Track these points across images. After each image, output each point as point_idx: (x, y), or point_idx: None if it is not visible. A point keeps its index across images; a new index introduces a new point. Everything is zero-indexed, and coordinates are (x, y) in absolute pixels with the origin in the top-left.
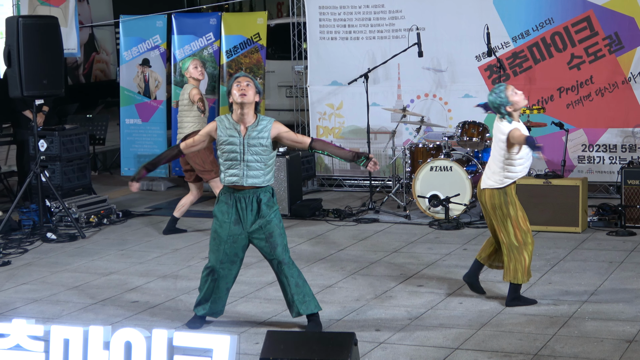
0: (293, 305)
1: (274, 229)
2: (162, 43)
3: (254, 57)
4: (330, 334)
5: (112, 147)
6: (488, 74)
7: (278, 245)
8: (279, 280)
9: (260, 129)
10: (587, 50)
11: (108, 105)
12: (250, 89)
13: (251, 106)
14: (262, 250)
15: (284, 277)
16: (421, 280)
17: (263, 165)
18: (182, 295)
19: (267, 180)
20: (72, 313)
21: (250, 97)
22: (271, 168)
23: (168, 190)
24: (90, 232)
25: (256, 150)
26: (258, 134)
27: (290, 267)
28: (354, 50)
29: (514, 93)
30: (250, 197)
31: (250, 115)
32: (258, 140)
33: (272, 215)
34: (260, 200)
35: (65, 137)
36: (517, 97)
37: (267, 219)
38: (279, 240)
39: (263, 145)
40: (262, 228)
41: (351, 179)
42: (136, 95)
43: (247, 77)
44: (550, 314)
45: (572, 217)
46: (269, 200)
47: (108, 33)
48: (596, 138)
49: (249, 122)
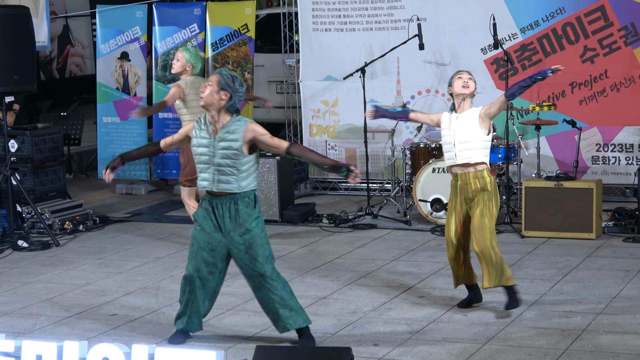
0: (279, 321)
1: (254, 239)
2: (142, 35)
3: (241, 50)
4: (325, 349)
5: (89, 148)
6: (495, 68)
7: (259, 256)
8: (259, 297)
9: (232, 131)
10: (601, 42)
11: (84, 103)
12: (207, 88)
13: (213, 107)
14: (241, 262)
15: (266, 292)
16: (423, 292)
17: (235, 170)
18: (164, 308)
19: (243, 186)
20: (45, 327)
21: (206, 98)
22: (248, 173)
23: (149, 194)
24: (65, 239)
25: (226, 153)
26: (229, 136)
27: (274, 281)
28: (350, 43)
29: (458, 78)
30: (227, 204)
31: (223, 116)
32: (228, 143)
33: (253, 224)
34: (238, 207)
35: (37, 137)
36: (456, 82)
37: (247, 228)
38: (260, 251)
39: (233, 148)
40: (241, 237)
41: (347, 181)
42: (114, 91)
43: (215, 75)
44: (562, 327)
45: (586, 222)
46: (247, 206)
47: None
48: (611, 137)
49: (221, 123)
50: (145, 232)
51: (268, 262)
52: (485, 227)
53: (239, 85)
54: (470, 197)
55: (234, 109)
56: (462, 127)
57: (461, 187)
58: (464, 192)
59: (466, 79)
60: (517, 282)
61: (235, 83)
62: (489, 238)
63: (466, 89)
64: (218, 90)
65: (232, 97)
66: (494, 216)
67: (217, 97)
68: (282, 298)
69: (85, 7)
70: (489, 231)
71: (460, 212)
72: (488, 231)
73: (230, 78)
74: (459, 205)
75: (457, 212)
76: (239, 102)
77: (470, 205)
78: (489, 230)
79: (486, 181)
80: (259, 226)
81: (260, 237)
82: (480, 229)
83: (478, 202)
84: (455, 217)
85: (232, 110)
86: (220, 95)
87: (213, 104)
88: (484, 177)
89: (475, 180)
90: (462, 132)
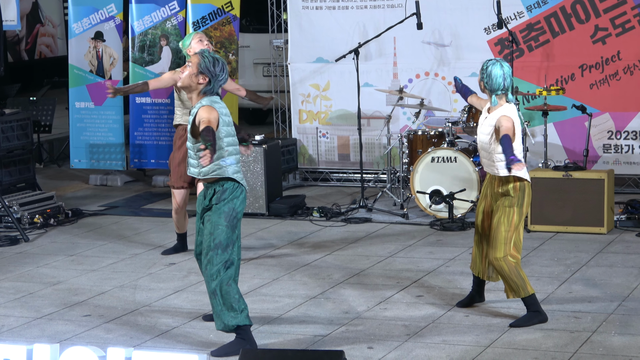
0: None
1: (207, 226)
2: (118, 13)
3: (225, 29)
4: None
5: (60, 135)
6: (499, 49)
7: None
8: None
9: (193, 114)
10: (613, 21)
11: (55, 86)
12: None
13: (189, 89)
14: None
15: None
16: (421, 290)
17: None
18: (142, 308)
19: (205, 172)
20: (14, 329)
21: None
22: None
23: (125, 185)
24: (35, 234)
25: (189, 137)
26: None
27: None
28: (343, 22)
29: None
30: (204, 190)
31: (194, 98)
32: (189, 127)
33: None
34: (205, 192)
35: (4, 124)
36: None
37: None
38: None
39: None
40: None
41: (339, 171)
42: (88, 74)
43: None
44: (570, 329)
45: (596, 215)
46: (207, 196)
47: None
48: (624, 124)
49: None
50: (121, 227)
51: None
52: (499, 237)
53: (219, 71)
54: (495, 197)
55: (211, 93)
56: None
57: (489, 181)
58: (490, 187)
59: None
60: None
61: (216, 67)
62: (501, 249)
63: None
64: (197, 73)
65: (210, 81)
66: (513, 224)
67: (196, 80)
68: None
69: None
70: (503, 242)
71: (488, 204)
72: (502, 242)
73: (211, 61)
74: (489, 196)
75: (486, 202)
76: (218, 87)
77: (496, 204)
78: (502, 241)
79: (509, 186)
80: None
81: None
82: (493, 239)
83: (498, 207)
84: (485, 206)
85: (210, 93)
86: (198, 79)
87: (190, 86)
88: (508, 181)
89: (500, 182)
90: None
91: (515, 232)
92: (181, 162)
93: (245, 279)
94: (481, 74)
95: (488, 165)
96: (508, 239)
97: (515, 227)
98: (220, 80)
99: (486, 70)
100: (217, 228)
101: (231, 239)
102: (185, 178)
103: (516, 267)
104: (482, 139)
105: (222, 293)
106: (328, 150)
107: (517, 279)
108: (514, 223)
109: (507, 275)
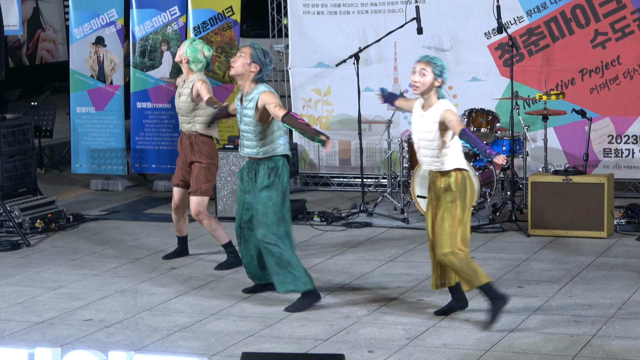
0: (275, 283)
1: (259, 206)
2: (119, 18)
3: (226, 34)
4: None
5: (61, 140)
6: (499, 53)
7: (260, 224)
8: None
9: (250, 99)
10: (613, 25)
11: (56, 91)
12: (238, 59)
13: (242, 77)
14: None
15: (264, 255)
16: (421, 294)
17: (253, 136)
18: (143, 313)
19: (263, 152)
20: (15, 333)
21: (237, 68)
22: (266, 140)
23: (126, 190)
24: (36, 239)
25: (246, 120)
26: (248, 104)
27: (270, 248)
28: (344, 27)
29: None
30: (253, 167)
31: (247, 85)
32: (247, 111)
33: (264, 191)
34: (258, 172)
35: (5, 129)
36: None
37: (255, 194)
38: (263, 219)
39: (249, 116)
40: (254, 200)
41: (340, 176)
42: (89, 79)
43: (248, 47)
44: (570, 332)
45: (596, 220)
46: (265, 173)
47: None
48: (625, 128)
49: (245, 92)
50: (122, 231)
51: (270, 229)
52: (443, 233)
53: (269, 61)
54: (438, 195)
55: (262, 81)
56: (427, 127)
57: (431, 181)
58: (434, 188)
59: (418, 75)
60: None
61: (267, 58)
62: (447, 245)
63: (416, 89)
64: (250, 62)
65: (261, 70)
66: (456, 219)
67: (248, 69)
68: (278, 264)
69: None
70: (448, 237)
71: (434, 207)
72: (447, 237)
73: (262, 52)
74: (433, 200)
75: (432, 207)
76: (266, 75)
77: (439, 202)
78: (448, 236)
79: (450, 180)
80: (269, 193)
81: (266, 205)
82: (438, 235)
83: (441, 204)
84: (431, 211)
85: (260, 81)
86: (251, 67)
87: (243, 74)
88: (450, 175)
89: (441, 178)
90: (425, 133)
91: (460, 227)
92: (179, 159)
93: (246, 283)
94: (437, 69)
95: (431, 162)
96: (453, 234)
97: (459, 221)
98: (268, 69)
99: (441, 65)
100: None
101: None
102: (181, 177)
103: (466, 259)
104: (424, 136)
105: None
106: (329, 155)
107: (469, 270)
108: (457, 217)
109: (459, 268)
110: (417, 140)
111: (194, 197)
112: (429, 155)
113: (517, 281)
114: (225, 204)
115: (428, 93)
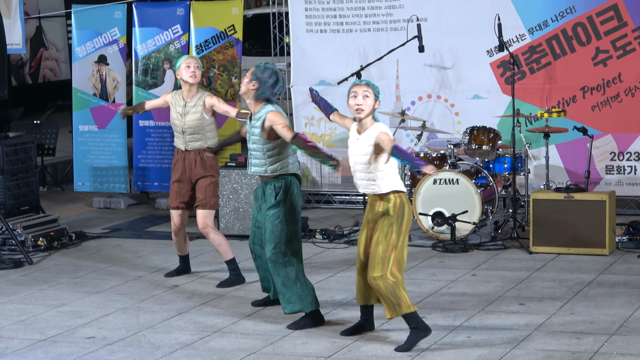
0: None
1: (267, 224)
2: (122, 37)
3: (228, 52)
4: None
5: (64, 159)
6: (501, 71)
7: (268, 242)
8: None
9: (257, 118)
10: (614, 43)
11: (59, 110)
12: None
13: (247, 95)
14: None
15: (272, 273)
16: (423, 312)
17: (261, 155)
18: (145, 330)
19: (272, 170)
20: (18, 351)
21: (242, 88)
22: (274, 159)
23: (129, 209)
24: (39, 257)
25: (254, 139)
26: (255, 122)
27: (277, 267)
28: (346, 45)
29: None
30: (263, 186)
31: (253, 104)
32: (254, 129)
33: (272, 209)
34: (265, 190)
35: (8, 147)
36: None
37: (264, 212)
38: (270, 237)
39: (256, 134)
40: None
41: (342, 194)
42: (91, 97)
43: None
44: (572, 350)
45: (598, 237)
46: (272, 192)
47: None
48: (626, 145)
49: (254, 111)
50: (124, 249)
51: (278, 247)
52: (376, 256)
53: (267, 77)
54: (375, 218)
55: (263, 98)
56: (363, 150)
57: (370, 204)
58: (371, 211)
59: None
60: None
61: (264, 74)
62: (378, 269)
63: (361, 112)
64: (250, 80)
65: (260, 87)
66: (391, 243)
67: (249, 86)
68: (284, 284)
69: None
70: (380, 261)
71: (370, 229)
72: (379, 261)
73: (261, 70)
74: (371, 222)
75: (368, 228)
76: (269, 92)
77: (376, 225)
78: (380, 261)
79: (389, 205)
80: (276, 212)
81: (273, 223)
82: (371, 258)
83: (377, 228)
84: (366, 232)
85: (263, 99)
86: (250, 85)
87: (246, 92)
88: (389, 198)
89: (380, 202)
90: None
91: (395, 251)
92: (175, 182)
93: (248, 300)
94: (376, 90)
95: (367, 185)
96: (386, 258)
97: (394, 246)
98: (267, 84)
99: (378, 87)
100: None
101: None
102: (181, 198)
103: (393, 286)
104: (360, 160)
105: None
106: (331, 173)
107: (393, 297)
108: (392, 242)
109: (384, 294)
110: (353, 164)
111: (202, 210)
112: (365, 179)
113: (519, 298)
114: (227, 222)
115: (368, 116)
